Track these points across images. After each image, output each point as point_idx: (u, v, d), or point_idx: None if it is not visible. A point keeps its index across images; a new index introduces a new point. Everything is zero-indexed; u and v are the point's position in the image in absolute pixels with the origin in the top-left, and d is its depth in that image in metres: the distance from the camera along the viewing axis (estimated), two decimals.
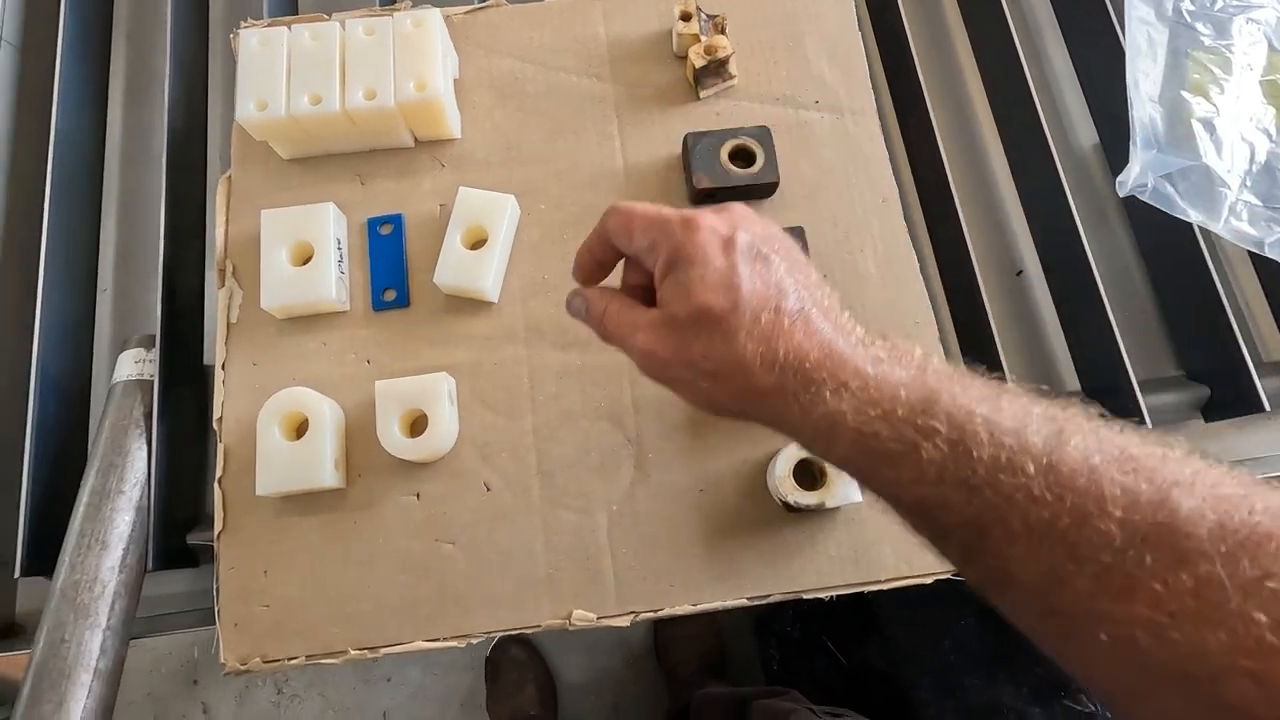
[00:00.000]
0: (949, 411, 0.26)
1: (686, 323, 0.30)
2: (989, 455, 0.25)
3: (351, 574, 0.45)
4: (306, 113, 0.48)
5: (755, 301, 0.29)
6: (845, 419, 0.27)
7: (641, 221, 0.32)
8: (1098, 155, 0.61)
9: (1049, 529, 0.23)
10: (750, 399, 0.30)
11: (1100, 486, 0.23)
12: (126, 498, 0.46)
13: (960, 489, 0.25)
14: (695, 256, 0.30)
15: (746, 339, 0.29)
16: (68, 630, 0.41)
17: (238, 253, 0.51)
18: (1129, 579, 0.22)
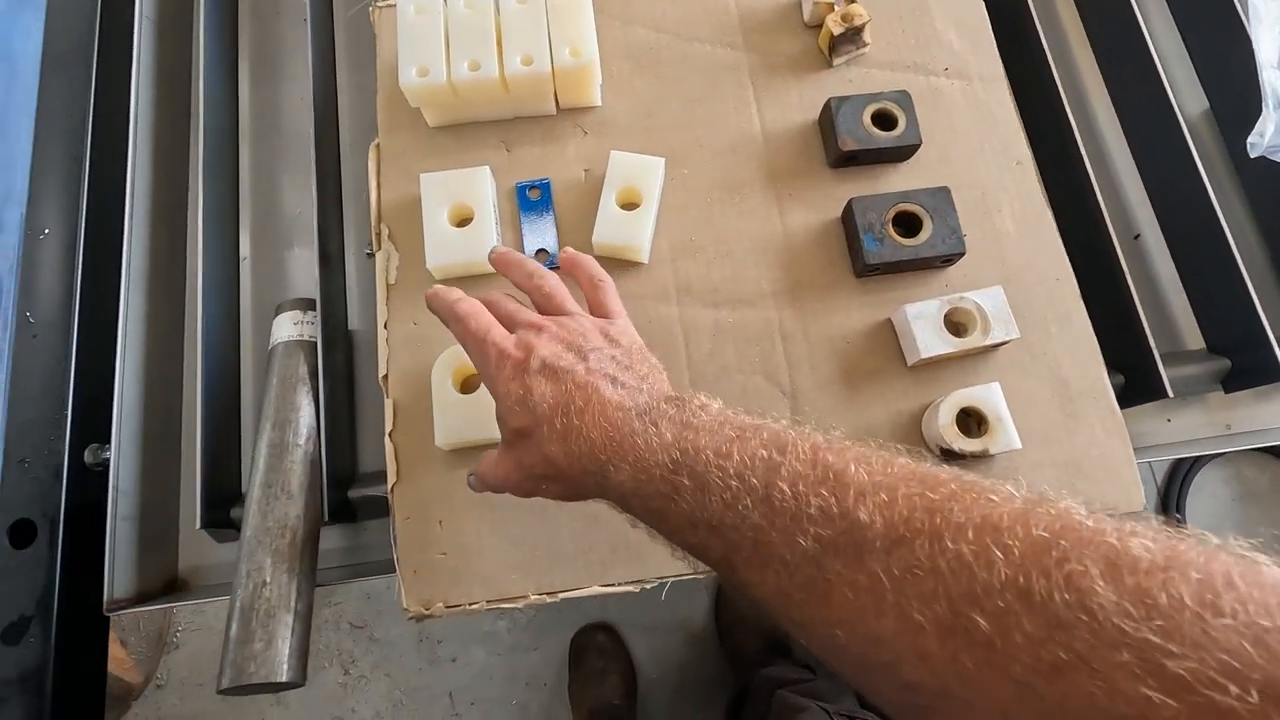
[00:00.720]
0: (691, 466, 0.30)
1: (513, 443, 0.36)
2: (719, 499, 0.29)
3: (524, 523, 0.46)
4: (466, 79, 0.49)
5: (547, 414, 0.34)
6: (627, 488, 0.32)
7: (471, 343, 0.38)
8: (1207, 122, 0.62)
9: (767, 548, 0.27)
10: (572, 486, 0.35)
11: (800, 509, 0.27)
12: (302, 450, 0.47)
13: (708, 530, 0.29)
14: (503, 392, 0.35)
15: (548, 443, 0.34)
16: (267, 573, 0.42)
17: (391, 217, 0.52)
18: (826, 584, 0.26)
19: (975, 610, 0.22)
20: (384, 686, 1.26)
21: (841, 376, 0.49)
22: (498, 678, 1.26)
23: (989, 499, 0.25)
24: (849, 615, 0.25)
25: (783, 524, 0.27)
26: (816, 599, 0.26)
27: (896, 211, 0.49)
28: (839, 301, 0.50)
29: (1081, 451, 0.47)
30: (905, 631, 0.24)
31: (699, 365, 0.49)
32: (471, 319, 0.38)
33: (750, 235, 0.52)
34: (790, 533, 0.27)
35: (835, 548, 0.26)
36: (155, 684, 1.26)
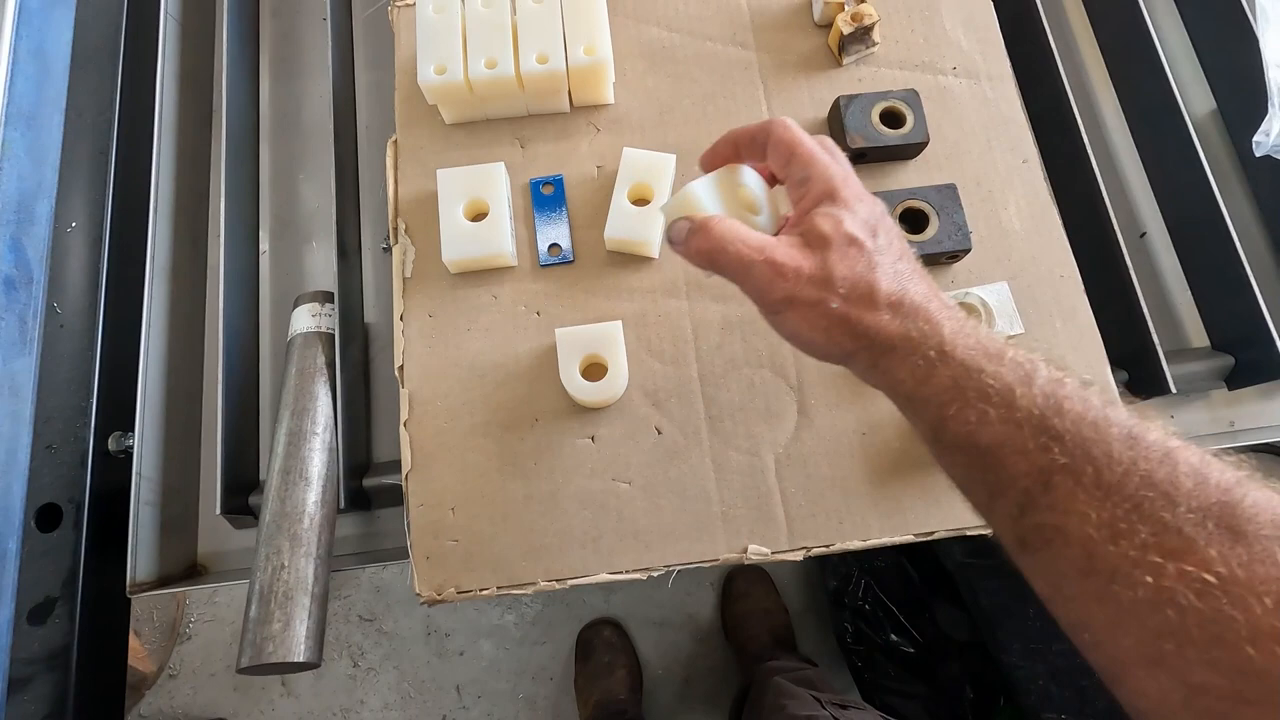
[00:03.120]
0: (1048, 374, 0.28)
1: (834, 244, 0.32)
2: (1077, 411, 0.26)
3: (534, 511, 0.47)
4: (483, 76, 0.50)
5: (894, 252, 0.33)
6: (955, 352, 0.29)
7: (804, 154, 0.35)
8: (1215, 120, 0.63)
9: (1119, 487, 0.25)
10: (864, 328, 0.31)
11: (1175, 462, 0.25)
12: (320, 439, 0.49)
13: (1041, 435, 0.27)
14: (851, 201, 0.33)
15: (882, 275, 0.32)
16: (285, 557, 0.43)
17: (408, 211, 0.53)
18: (1185, 540, 0.23)
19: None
20: (392, 678, 1.27)
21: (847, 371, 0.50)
22: (505, 671, 1.27)
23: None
24: (1207, 577, 0.22)
25: (1148, 469, 0.25)
26: (1165, 549, 0.23)
27: (904, 208, 0.50)
28: None
29: None
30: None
31: (707, 358, 0.50)
32: (803, 133, 0.36)
33: None
34: (1155, 479, 0.24)
35: (1208, 511, 0.23)
36: (168, 673, 1.28)
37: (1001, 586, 0.94)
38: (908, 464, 0.48)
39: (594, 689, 1.19)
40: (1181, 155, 0.56)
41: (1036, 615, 0.91)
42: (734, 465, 0.48)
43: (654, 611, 1.27)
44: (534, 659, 1.27)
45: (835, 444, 0.48)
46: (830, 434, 0.49)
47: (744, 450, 0.48)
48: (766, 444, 0.49)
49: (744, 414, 0.49)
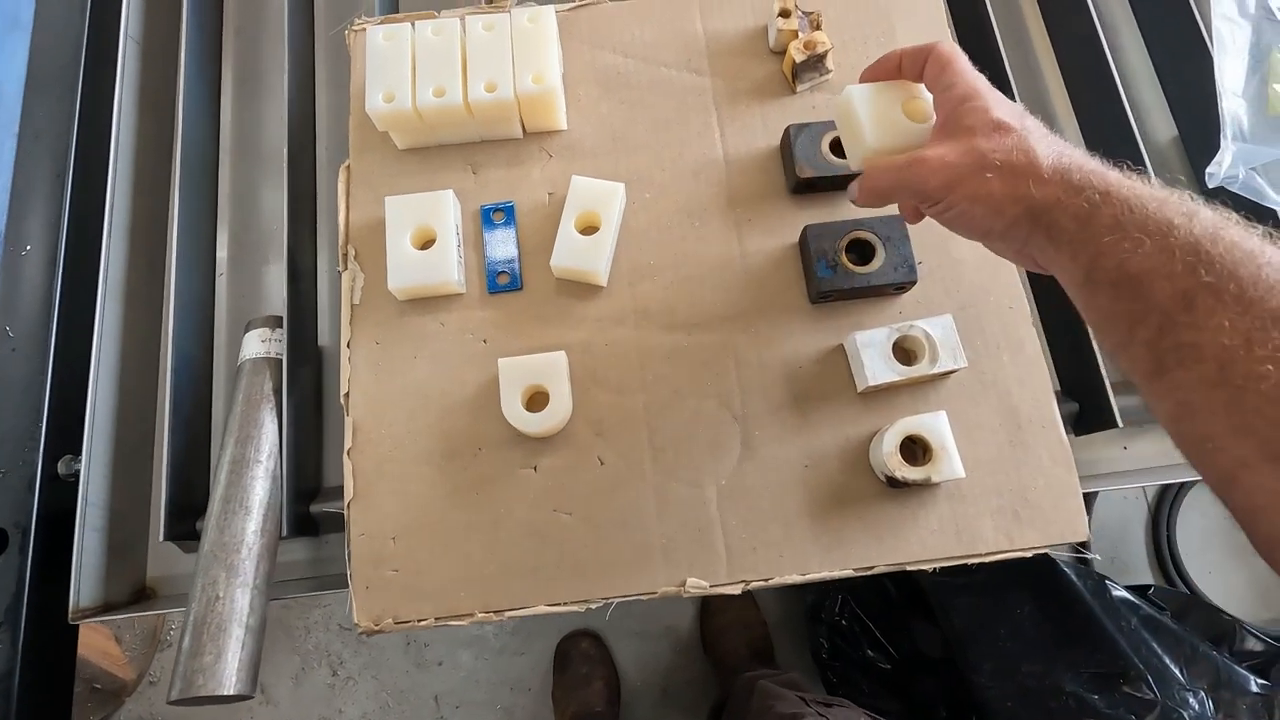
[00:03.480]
0: (1207, 216, 0.29)
1: (979, 130, 0.35)
2: (1232, 239, 0.28)
3: (475, 541, 0.47)
4: (431, 105, 0.50)
5: (1044, 130, 0.35)
6: (1119, 191, 0.31)
7: (957, 67, 0.38)
8: (1176, 148, 0.63)
9: (1260, 301, 0.26)
10: (1032, 179, 0.33)
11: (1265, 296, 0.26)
12: (263, 467, 0.49)
13: (1191, 258, 0.28)
14: (992, 97, 0.37)
15: (1036, 143, 0.34)
16: (221, 588, 0.44)
17: (358, 238, 0.53)
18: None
19: None
20: (371, 688, 1.28)
21: (793, 402, 0.50)
22: (483, 682, 1.27)
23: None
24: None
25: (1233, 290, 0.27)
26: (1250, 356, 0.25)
27: (850, 239, 0.50)
28: (794, 327, 0.51)
29: (1028, 481, 0.48)
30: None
31: (653, 388, 0.50)
32: (963, 54, 0.39)
33: (709, 259, 0.53)
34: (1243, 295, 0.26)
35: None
36: (148, 681, 1.28)
37: (974, 605, 0.94)
38: (851, 497, 0.48)
39: (571, 700, 1.19)
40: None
41: (1008, 635, 0.90)
42: (676, 496, 0.48)
43: (633, 623, 1.27)
44: (512, 669, 1.27)
45: (778, 476, 0.48)
46: (773, 466, 0.49)
47: (686, 481, 0.48)
48: (709, 475, 0.48)
49: (688, 445, 0.49)
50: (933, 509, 0.48)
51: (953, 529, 0.47)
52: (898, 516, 0.47)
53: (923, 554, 0.47)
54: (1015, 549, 0.47)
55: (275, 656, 1.28)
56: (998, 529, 0.47)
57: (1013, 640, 0.89)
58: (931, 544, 0.47)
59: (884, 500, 0.48)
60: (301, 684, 1.28)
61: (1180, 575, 1.25)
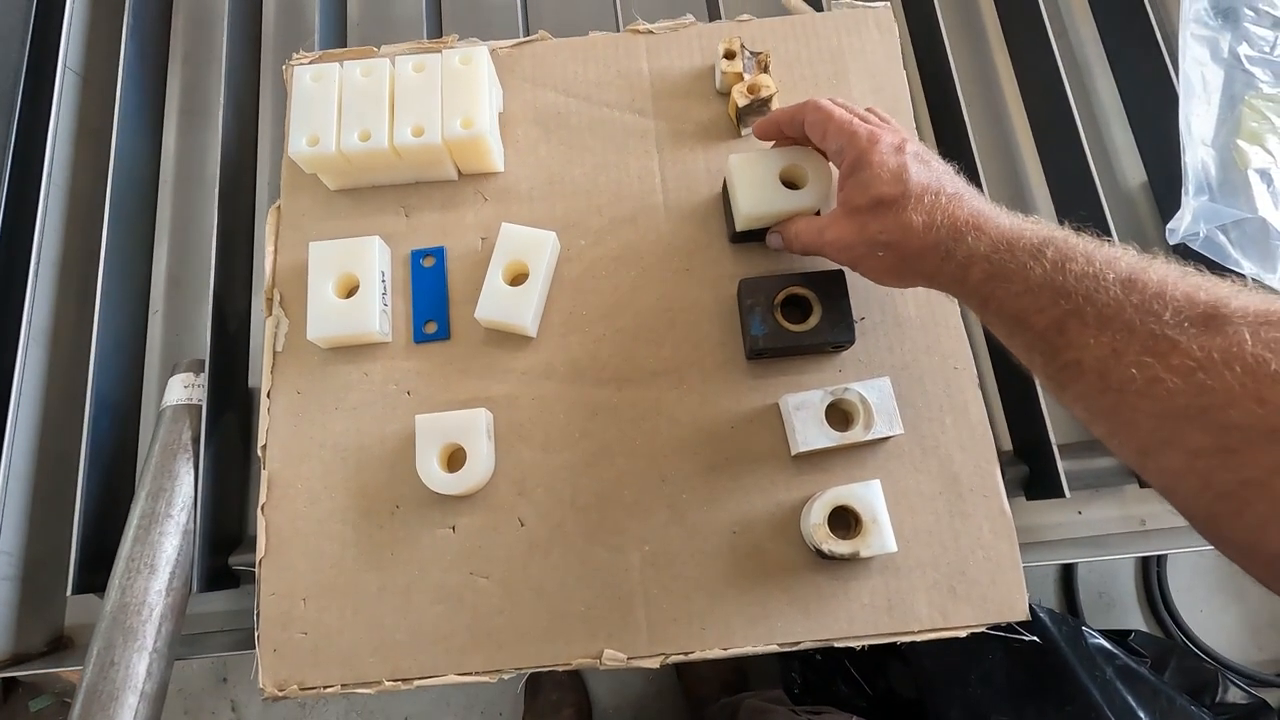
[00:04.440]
0: (1058, 246, 0.33)
1: (866, 209, 0.40)
2: (1080, 270, 0.32)
3: (387, 604, 0.46)
4: (356, 148, 0.49)
5: (919, 188, 0.38)
6: (980, 253, 0.35)
7: (836, 127, 0.42)
8: (1145, 194, 0.60)
9: (1115, 316, 0.30)
10: (912, 257, 0.38)
11: (1165, 290, 0.29)
12: (174, 522, 0.47)
13: (1053, 293, 0.32)
14: (874, 161, 0.40)
15: (912, 213, 0.38)
16: (116, 653, 0.42)
17: (285, 282, 0.52)
18: (1170, 343, 0.28)
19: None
20: (341, 708, 1.26)
21: (724, 463, 0.48)
22: (454, 705, 1.26)
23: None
24: (1188, 364, 0.27)
25: (1139, 300, 0.30)
26: (1155, 352, 0.28)
27: (786, 295, 0.48)
28: (728, 384, 0.49)
29: (966, 553, 0.45)
30: (1250, 378, 0.26)
31: (579, 445, 0.48)
32: (834, 108, 0.43)
33: (644, 311, 0.51)
34: (1147, 308, 0.29)
35: (1192, 321, 0.28)
36: None
37: (945, 648, 0.91)
38: (779, 567, 0.46)
39: None
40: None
41: (978, 681, 0.87)
42: (597, 561, 0.46)
43: None
44: (484, 693, 1.26)
45: (704, 542, 0.46)
46: (700, 531, 0.47)
47: (609, 546, 0.46)
48: (633, 539, 0.47)
49: (612, 506, 0.47)
50: (865, 581, 0.45)
51: (885, 604, 0.45)
52: (827, 589, 0.45)
53: (851, 630, 0.45)
54: (950, 627, 0.45)
55: (246, 675, 1.28)
56: (932, 605, 0.45)
57: (982, 686, 0.87)
58: (861, 619, 0.45)
59: (814, 571, 0.46)
60: (272, 704, 1.27)
61: (1170, 613, 1.22)
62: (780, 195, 0.47)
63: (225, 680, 1.27)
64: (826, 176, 0.48)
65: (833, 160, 0.43)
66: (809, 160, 0.48)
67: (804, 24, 0.56)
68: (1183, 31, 0.54)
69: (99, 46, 0.62)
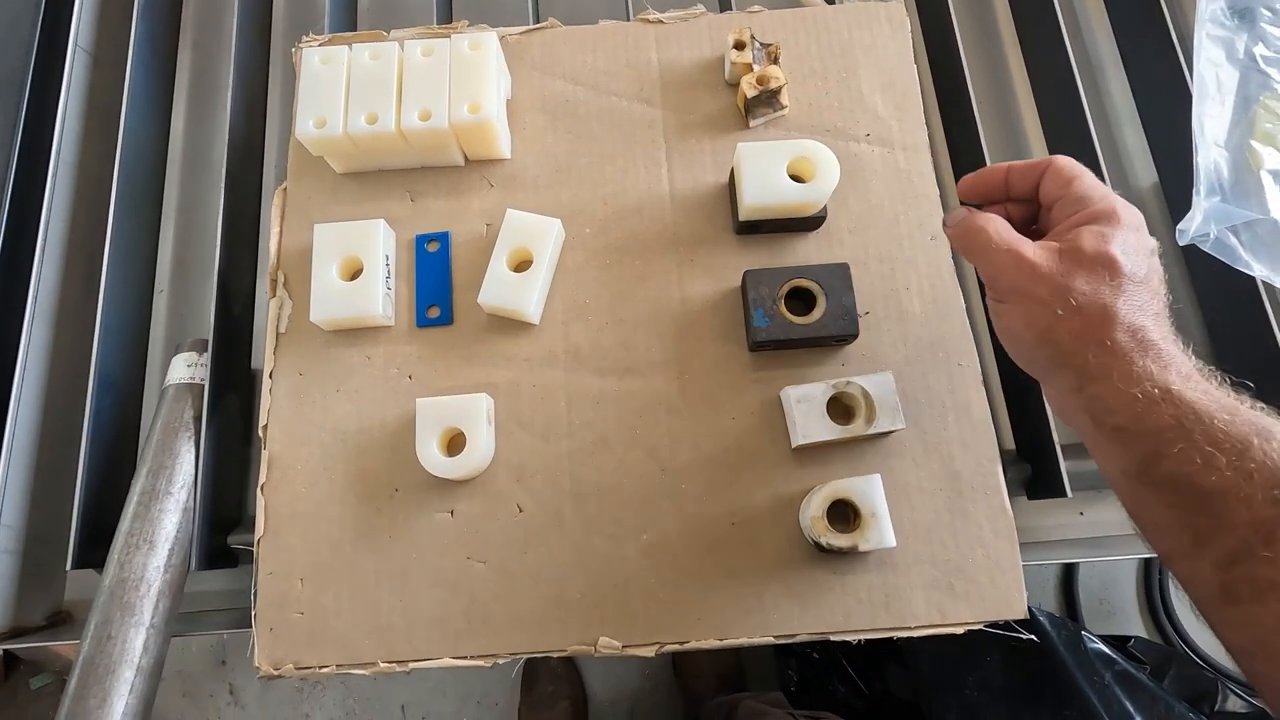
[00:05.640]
0: (1266, 427, 0.28)
1: (1087, 259, 0.33)
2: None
3: (384, 587, 0.46)
4: (363, 131, 0.49)
5: (1150, 287, 0.33)
6: (1184, 394, 0.29)
7: (1090, 181, 0.36)
8: (1156, 195, 0.59)
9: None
10: (1087, 345, 0.32)
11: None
12: (174, 499, 0.47)
13: (1275, 489, 0.26)
14: (1129, 227, 0.34)
15: (1127, 301, 0.32)
16: (114, 627, 0.42)
17: (290, 264, 0.52)
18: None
19: None
20: (339, 694, 1.27)
21: (724, 455, 0.47)
22: (450, 694, 1.26)
23: None
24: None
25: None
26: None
27: (790, 287, 0.48)
28: (730, 376, 0.49)
29: (966, 551, 0.45)
30: None
31: (578, 433, 0.48)
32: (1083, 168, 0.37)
33: (647, 301, 0.51)
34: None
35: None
36: None
37: (943, 650, 0.90)
38: (776, 559, 0.46)
39: (537, 719, 1.17)
40: None
41: (975, 685, 0.87)
42: (595, 550, 0.46)
43: None
44: (480, 683, 1.26)
45: (701, 534, 0.46)
46: (698, 522, 0.46)
47: (606, 535, 0.46)
48: (631, 529, 0.46)
49: (611, 496, 0.47)
50: (862, 576, 0.45)
51: (882, 599, 0.45)
52: (824, 582, 0.45)
53: (847, 624, 0.44)
54: (948, 624, 0.44)
55: (245, 658, 1.28)
56: (930, 602, 0.45)
57: (980, 690, 0.86)
58: (858, 614, 0.45)
59: (811, 564, 0.45)
60: (269, 688, 1.28)
61: (1170, 620, 1.21)
62: (786, 188, 0.47)
63: (224, 663, 1.28)
64: (833, 174, 0.47)
65: (1065, 206, 0.36)
66: (818, 155, 0.47)
67: (815, 17, 0.56)
68: (1198, 31, 0.54)
69: (110, 26, 0.63)
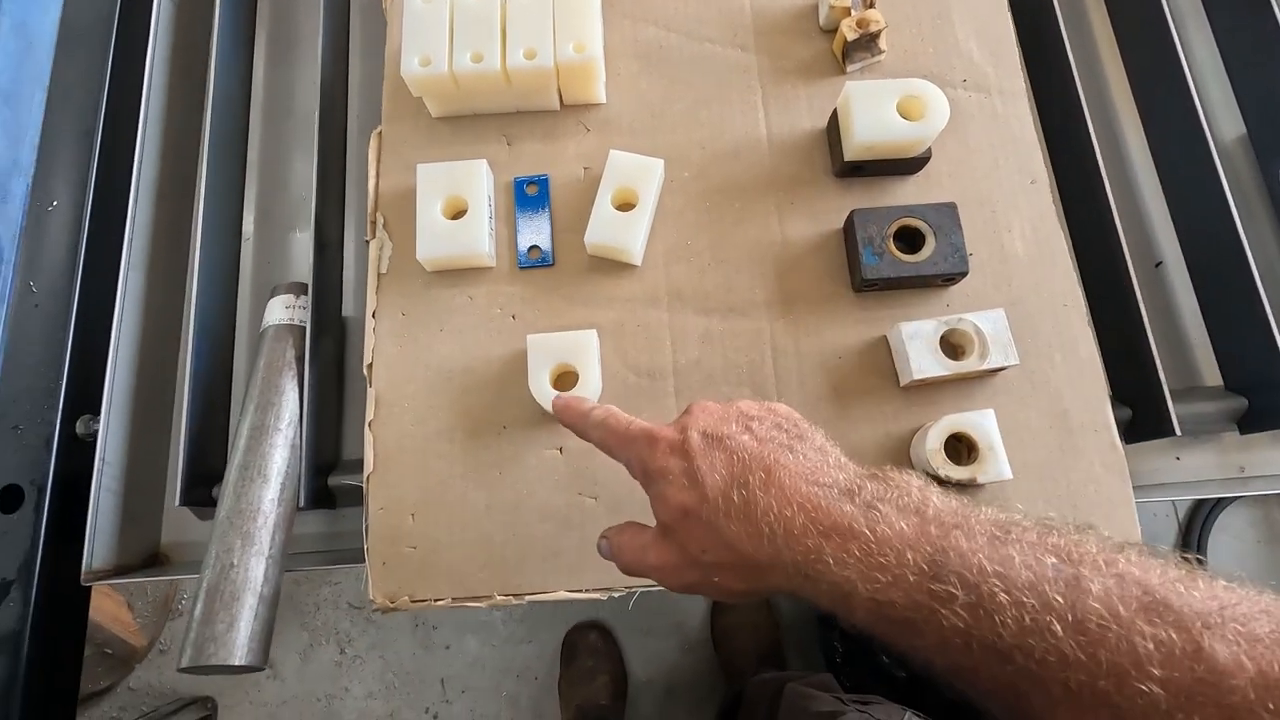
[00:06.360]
0: (959, 573, 0.25)
1: (674, 526, 0.32)
2: (1012, 619, 0.24)
3: (496, 521, 0.46)
4: (468, 70, 0.49)
5: (720, 486, 0.30)
6: (855, 587, 0.26)
7: (618, 441, 0.36)
8: (1243, 146, 0.59)
9: (1089, 691, 0.23)
10: (758, 578, 0.30)
11: (1132, 642, 0.22)
12: (282, 435, 0.47)
13: (990, 654, 0.24)
14: (660, 468, 0.32)
15: (727, 521, 0.29)
16: (235, 555, 0.42)
17: (387, 206, 0.52)
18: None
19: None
20: (377, 668, 1.27)
21: (831, 393, 0.47)
22: (489, 668, 1.26)
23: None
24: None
25: (1110, 661, 0.22)
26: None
27: (898, 226, 0.48)
28: (835, 316, 0.49)
29: (1078, 487, 0.45)
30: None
31: (684, 373, 0.48)
32: (612, 417, 0.36)
33: (747, 243, 0.51)
34: (1122, 672, 0.22)
35: (1191, 699, 0.21)
36: (158, 649, 1.29)
37: None
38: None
39: (576, 693, 1.18)
40: (1204, 183, 0.53)
41: None
42: None
43: (643, 619, 1.26)
44: (519, 658, 1.26)
45: None
46: None
47: None
48: None
49: None
50: None
51: None
52: None
53: None
54: None
55: (284, 632, 1.28)
56: None
57: None
58: None
59: None
60: (309, 660, 1.28)
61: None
62: (896, 125, 0.47)
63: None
64: (943, 112, 0.47)
65: (634, 477, 0.36)
66: (927, 94, 0.47)
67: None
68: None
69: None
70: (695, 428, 0.33)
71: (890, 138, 0.47)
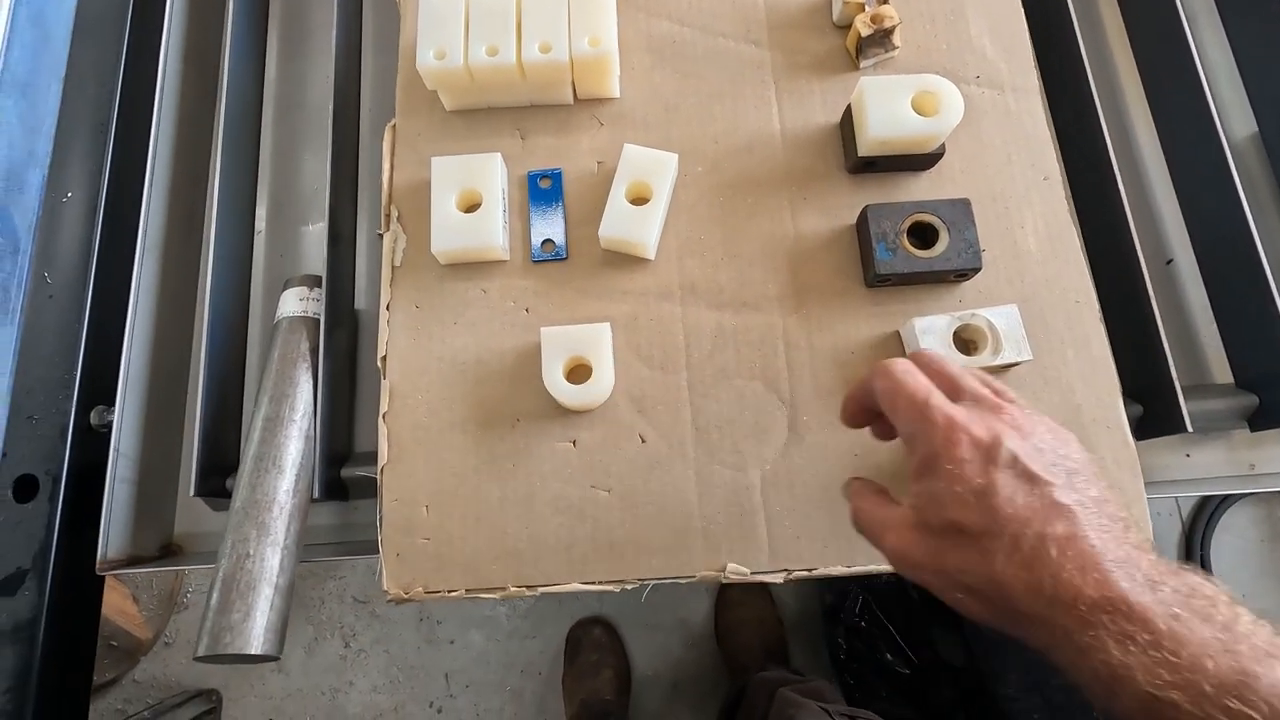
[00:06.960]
0: (1269, 699, 0.23)
1: (940, 532, 0.29)
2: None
3: (509, 513, 0.46)
4: (483, 63, 0.49)
5: (1015, 524, 0.27)
6: (1133, 676, 0.24)
7: (905, 404, 0.32)
8: (1254, 145, 0.60)
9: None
10: (1013, 621, 0.28)
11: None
12: (297, 426, 0.48)
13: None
14: (951, 472, 0.29)
15: (1005, 562, 0.27)
16: (251, 545, 0.43)
17: (401, 199, 0.52)
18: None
19: None
20: (382, 662, 1.28)
21: (844, 388, 0.48)
22: (494, 663, 1.27)
23: None
24: None
25: None
26: None
27: (912, 222, 0.48)
28: (847, 310, 0.49)
29: None
30: None
31: (698, 367, 0.48)
32: (908, 375, 0.32)
33: (760, 237, 0.51)
34: None
35: None
36: (164, 641, 1.29)
37: None
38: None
39: (580, 688, 1.18)
40: (1216, 181, 0.53)
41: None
42: (718, 479, 0.46)
43: (647, 614, 1.26)
44: (523, 653, 1.27)
45: (825, 464, 0.46)
46: (821, 453, 0.47)
47: (729, 465, 0.47)
48: (753, 460, 0.47)
49: (732, 427, 0.47)
50: None
51: None
52: None
53: None
54: None
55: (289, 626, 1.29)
56: None
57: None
58: None
59: None
60: (314, 654, 1.28)
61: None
62: (910, 121, 0.47)
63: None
64: (957, 108, 0.47)
65: (906, 445, 0.32)
66: (942, 89, 0.47)
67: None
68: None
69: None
70: (1012, 441, 0.29)
71: (904, 133, 0.47)
